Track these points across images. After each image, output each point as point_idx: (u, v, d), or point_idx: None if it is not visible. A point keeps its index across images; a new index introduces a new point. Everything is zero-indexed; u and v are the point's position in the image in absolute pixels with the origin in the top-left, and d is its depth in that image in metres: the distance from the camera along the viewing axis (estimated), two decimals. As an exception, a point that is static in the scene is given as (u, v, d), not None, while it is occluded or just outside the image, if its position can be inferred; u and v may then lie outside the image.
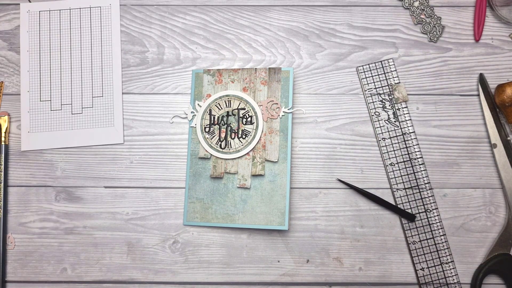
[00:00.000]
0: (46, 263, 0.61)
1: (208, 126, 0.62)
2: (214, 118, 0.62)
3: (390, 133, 0.62)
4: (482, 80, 0.62)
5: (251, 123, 0.61)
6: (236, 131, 0.61)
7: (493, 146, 0.61)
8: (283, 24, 0.65)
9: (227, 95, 0.62)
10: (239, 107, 0.61)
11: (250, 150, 0.60)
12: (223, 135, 0.61)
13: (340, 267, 0.60)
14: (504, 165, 0.61)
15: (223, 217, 0.60)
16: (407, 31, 0.64)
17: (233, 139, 0.61)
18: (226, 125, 0.61)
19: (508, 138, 0.61)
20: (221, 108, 0.62)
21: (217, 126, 0.61)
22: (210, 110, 0.62)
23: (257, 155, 0.60)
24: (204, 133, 0.62)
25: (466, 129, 0.62)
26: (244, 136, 0.60)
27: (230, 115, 0.61)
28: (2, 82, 0.64)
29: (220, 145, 0.61)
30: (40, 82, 0.64)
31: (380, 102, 0.62)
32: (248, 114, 0.61)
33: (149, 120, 0.63)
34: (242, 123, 0.61)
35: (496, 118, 0.61)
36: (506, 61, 0.63)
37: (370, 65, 0.63)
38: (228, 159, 0.60)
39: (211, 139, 0.61)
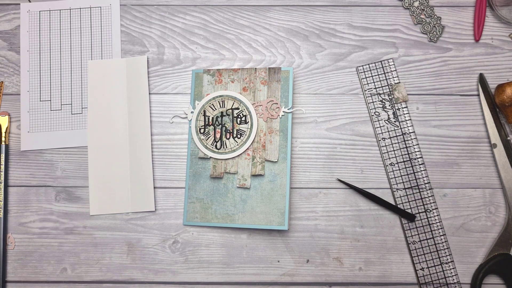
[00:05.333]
0: (46, 263, 0.61)
1: (203, 127, 0.62)
2: (208, 119, 0.62)
3: (390, 133, 0.62)
4: (482, 80, 0.62)
5: (246, 122, 0.61)
6: (231, 131, 0.61)
7: (493, 146, 0.61)
8: (283, 24, 0.65)
9: (220, 96, 0.62)
10: (233, 107, 0.61)
11: (246, 150, 0.60)
12: (218, 135, 0.61)
13: (340, 267, 0.60)
14: (504, 165, 0.61)
15: (223, 217, 0.60)
16: (407, 31, 0.64)
17: (228, 139, 0.61)
18: (220, 125, 0.61)
19: (508, 138, 0.61)
20: (215, 109, 0.62)
21: (211, 127, 0.62)
22: (204, 111, 0.62)
23: (257, 155, 0.60)
24: (199, 134, 0.62)
25: (466, 129, 0.62)
26: (239, 136, 0.60)
27: (225, 115, 0.61)
28: (2, 82, 0.64)
29: (216, 146, 0.61)
30: (40, 82, 0.64)
31: (380, 102, 0.62)
32: (242, 114, 0.61)
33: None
34: (237, 122, 0.61)
35: (496, 118, 0.61)
36: (506, 61, 0.63)
37: (370, 65, 0.63)
38: (223, 159, 0.60)
39: (206, 140, 0.61)
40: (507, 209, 0.60)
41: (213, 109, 0.62)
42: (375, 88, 0.63)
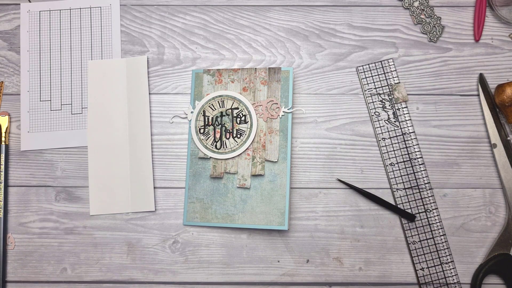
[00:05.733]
0: (46, 263, 0.61)
1: (203, 127, 0.62)
2: (208, 119, 0.62)
3: (390, 133, 0.62)
4: (482, 80, 0.62)
5: (245, 122, 0.61)
6: (231, 130, 0.61)
7: (493, 146, 0.61)
8: (283, 24, 0.65)
9: (220, 96, 0.62)
10: (232, 107, 0.61)
11: (246, 149, 0.60)
12: (218, 135, 0.61)
13: (340, 267, 0.60)
14: (504, 165, 0.61)
15: (223, 217, 0.60)
16: (407, 31, 0.64)
17: (228, 139, 0.61)
18: (220, 125, 0.61)
19: (508, 138, 0.61)
20: (215, 109, 0.62)
21: (211, 127, 0.62)
22: (204, 111, 0.62)
23: (257, 155, 0.60)
24: (199, 134, 0.62)
25: (466, 129, 0.62)
26: (238, 136, 0.60)
27: (224, 115, 0.61)
28: (2, 82, 0.64)
29: (216, 146, 0.61)
30: (40, 82, 0.64)
31: (380, 102, 0.62)
32: (242, 114, 0.61)
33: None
34: (236, 122, 0.61)
35: (496, 118, 0.61)
36: (506, 61, 0.63)
37: (370, 65, 0.63)
38: (223, 159, 0.61)
39: (206, 140, 0.61)
40: (507, 209, 0.60)
41: (212, 109, 0.62)
42: (375, 88, 0.63)
